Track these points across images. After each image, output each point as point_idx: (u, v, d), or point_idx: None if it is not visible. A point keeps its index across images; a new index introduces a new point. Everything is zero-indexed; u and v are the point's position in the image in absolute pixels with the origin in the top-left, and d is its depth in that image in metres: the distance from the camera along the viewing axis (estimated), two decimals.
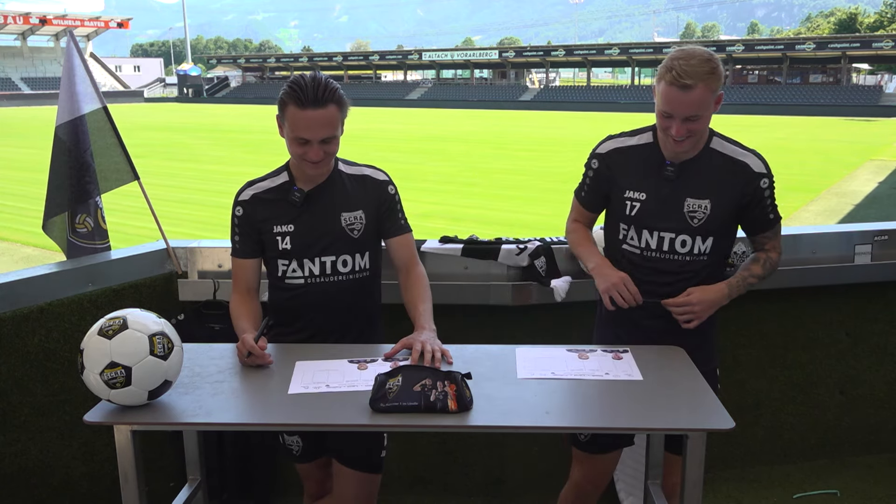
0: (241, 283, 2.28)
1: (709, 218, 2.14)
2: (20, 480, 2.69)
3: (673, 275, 2.21)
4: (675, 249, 2.18)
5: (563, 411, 1.87)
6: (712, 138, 2.18)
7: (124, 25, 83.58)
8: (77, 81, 2.95)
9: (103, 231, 3.04)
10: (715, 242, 2.19)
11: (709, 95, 2.01)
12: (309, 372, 2.02)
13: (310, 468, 2.43)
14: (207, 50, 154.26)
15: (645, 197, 2.18)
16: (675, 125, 2.04)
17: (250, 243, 2.25)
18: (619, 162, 2.23)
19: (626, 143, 2.25)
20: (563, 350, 2.16)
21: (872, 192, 16.30)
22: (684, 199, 2.15)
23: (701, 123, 2.06)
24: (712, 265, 2.23)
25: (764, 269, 2.26)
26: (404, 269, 2.31)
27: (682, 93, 1.99)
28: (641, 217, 2.19)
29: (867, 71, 62.24)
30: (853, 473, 3.34)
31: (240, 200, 2.26)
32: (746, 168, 2.15)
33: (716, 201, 2.14)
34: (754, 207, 2.18)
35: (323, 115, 2.05)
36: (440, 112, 51.21)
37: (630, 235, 2.23)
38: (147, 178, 3.31)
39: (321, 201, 2.21)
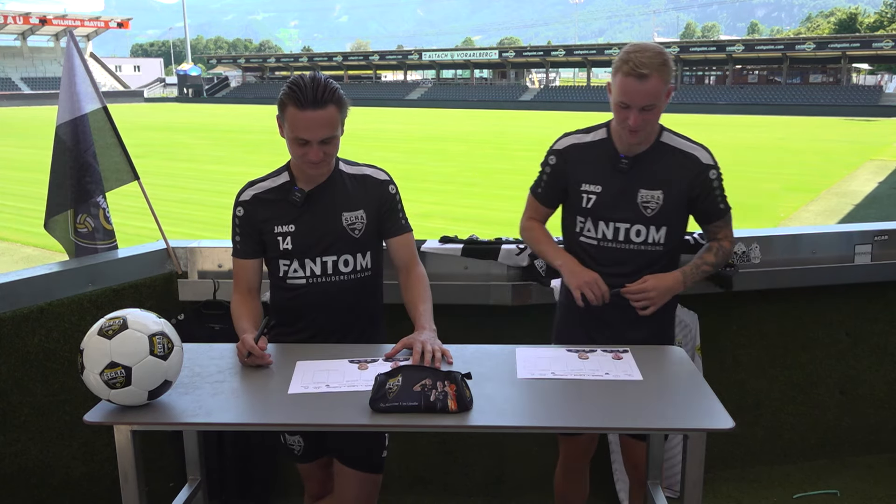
0: (242, 284, 2.28)
1: (661, 208, 2.25)
2: (20, 480, 2.69)
3: (630, 264, 2.29)
4: (631, 239, 2.28)
5: (563, 411, 1.87)
6: (662, 133, 2.29)
7: (124, 25, 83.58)
8: (77, 81, 2.95)
9: (108, 231, 3.04)
10: (668, 232, 2.28)
11: (662, 86, 2.12)
12: (309, 372, 2.02)
13: (311, 468, 2.42)
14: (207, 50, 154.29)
15: (601, 189, 2.28)
16: (633, 115, 2.13)
17: (251, 243, 2.25)
18: (576, 157, 2.33)
19: (583, 140, 2.35)
20: (563, 350, 2.17)
21: (872, 192, 16.30)
22: (638, 191, 2.25)
23: (655, 114, 2.16)
24: (668, 254, 2.32)
25: (717, 256, 2.34)
26: (404, 268, 2.31)
27: (639, 82, 2.10)
28: (597, 209, 2.29)
29: (867, 71, 62.24)
30: (853, 473, 3.34)
31: (240, 201, 2.26)
32: (695, 160, 2.26)
33: (667, 192, 2.24)
34: (704, 198, 2.28)
35: (322, 115, 2.05)
36: (440, 112, 51.21)
37: (587, 227, 2.32)
38: (147, 178, 3.31)
39: (322, 201, 2.21)
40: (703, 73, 60.41)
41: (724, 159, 2.23)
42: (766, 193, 15.92)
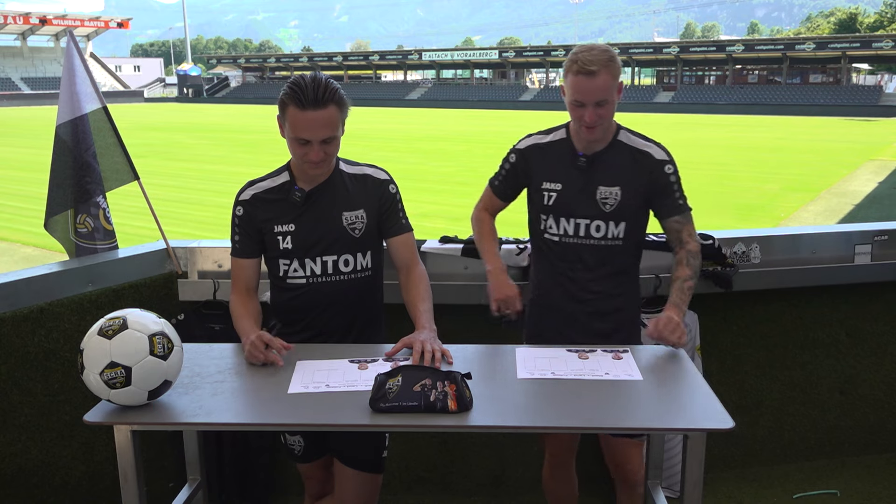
0: (241, 283, 2.28)
1: (620, 204, 2.31)
2: (20, 480, 2.69)
3: (591, 259, 2.36)
4: (591, 234, 2.34)
5: (563, 411, 1.87)
6: (619, 131, 2.36)
7: (124, 25, 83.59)
8: (77, 81, 2.95)
9: (109, 231, 3.04)
10: (628, 227, 2.34)
11: (611, 81, 2.20)
12: (309, 371, 2.02)
13: (311, 468, 2.42)
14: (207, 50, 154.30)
15: (561, 187, 2.35)
16: (588, 112, 2.20)
17: (251, 243, 2.25)
18: (537, 157, 2.41)
19: (543, 140, 2.43)
20: (562, 350, 2.17)
21: (872, 192, 16.29)
22: (596, 187, 2.32)
23: (608, 109, 2.23)
24: (627, 250, 2.38)
25: (690, 267, 2.34)
26: (405, 268, 2.31)
27: (589, 79, 2.18)
28: (558, 206, 2.36)
29: (867, 71, 62.24)
30: (853, 473, 3.34)
31: (240, 200, 2.26)
32: (649, 157, 2.33)
33: (625, 188, 2.31)
34: (661, 192, 2.34)
35: (323, 115, 2.05)
36: (440, 112, 51.20)
37: (549, 224, 2.39)
38: (147, 178, 3.31)
39: (322, 201, 2.21)
40: (703, 73, 60.41)
41: (725, 159, 2.25)
42: (766, 193, 15.92)
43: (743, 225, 12.42)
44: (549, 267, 2.43)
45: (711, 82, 59.13)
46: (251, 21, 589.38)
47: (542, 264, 2.47)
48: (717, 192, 15.84)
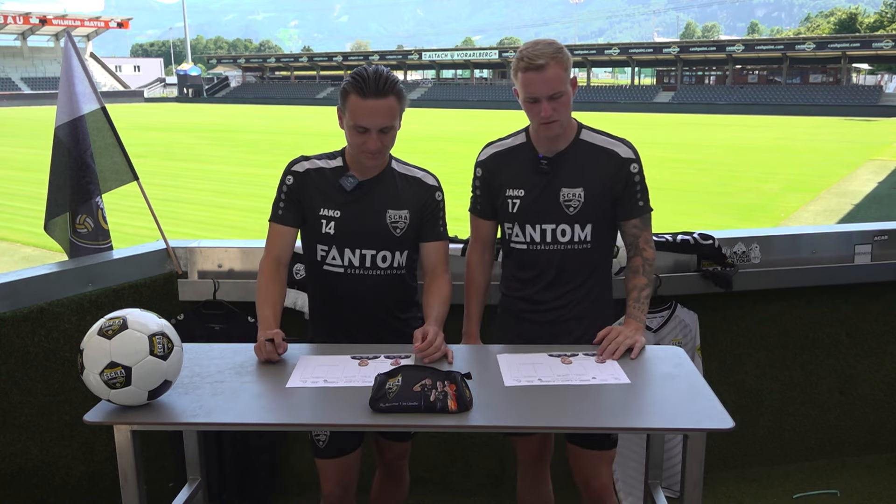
0: (275, 250, 2.28)
1: (583, 205, 2.24)
2: (20, 480, 2.69)
3: (561, 265, 2.29)
4: (557, 239, 2.28)
5: (564, 411, 1.86)
6: (581, 130, 2.30)
7: (124, 25, 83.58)
8: (76, 82, 2.95)
9: (105, 231, 3.04)
10: (595, 230, 2.27)
11: (562, 73, 2.14)
12: (310, 367, 2.03)
13: (333, 466, 2.33)
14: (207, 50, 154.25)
15: (523, 193, 2.28)
16: (543, 106, 2.15)
17: (294, 212, 2.27)
18: (499, 164, 2.35)
19: (504, 146, 2.37)
20: (544, 356, 2.14)
21: (872, 192, 16.29)
22: (559, 190, 2.25)
23: (563, 102, 2.17)
24: (598, 254, 2.32)
25: (646, 276, 2.30)
26: (431, 273, 2.34)
27: (538, 73, 2.13)
28: (522, 213, 2.29)
29: (867, 71, 62.24)
30: (853, 473, 3.34)
31: (293, 170, 2.27)
32: (615, 155, 2.26)
33: (588, 188, 2.24)
34: (624, 193, 2.27)
35: (383, 104, 2.09)
36: (440, 112, 51.19)
37: (515, 232, 2.33)
38: (147, 178, 3.31)
39: (370, 194, 2.24)
40: (703, 73, 60.42)
41: (725, 159, 2.23)
42: (766, 193, 15.92)
43: (743, 225, 12.42)
44: (517, 274, 2.37)
45: (711, 82, 59.14)
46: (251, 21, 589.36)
47: (508, 272, 2.42)
48: (717, 192, 15.85)
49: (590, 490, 2.39)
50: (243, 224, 12.84)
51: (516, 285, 2.39)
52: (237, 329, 2.93)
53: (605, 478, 2.38)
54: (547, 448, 2.50)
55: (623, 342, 2.13)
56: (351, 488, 2.41)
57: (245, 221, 13.03)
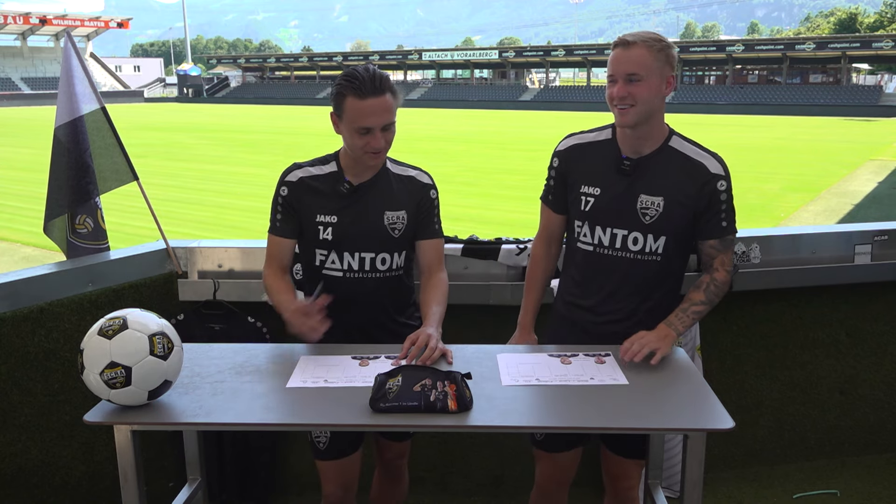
0: (276, 261, 2.29)
1: (661, 216, 2.12)
2: (20, 480, 2.69)
3: (625, 275, 2.18)
4: (627, 247, 2.16)
5: (564, 411, 1.87)
6: (672, 137, 2.17)
7: (124, 25, 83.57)
8: (76, 83, 2.95)
9: (103, 231, 3.04)
10: (668, 243, 2.15)
11: (650, 59, 2.02)
12: (310, 367, 2.03)
13: (333, 467, 2.33)
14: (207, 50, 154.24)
15: (599, 192, 2.17)
16: (618, 86, 2.05)
17: (292, 223, 2.26)
18: (578, 157, 2.24)
19: (586, 140, 2.25)
20: (544, 356, 2.13)
21: (872, 192, 16.29)
22: (638, 196, 2.13)
23: (643, 88, 2.03)
24: (666, 269, 2.19)
25: (707, 294, 2.17)
26: (427, 271, 2.34)
27: (623, 50, 2.04)
28: (595, 213, 2.18)
29: (867, 71, 62.23)
30: (853, 473, 3.34)
31: (286, 181, 2.25)
32: (703, 168, 2.12)
33: (669, 199, 2.12)
34: (708, 210, 2.14)
35: (382, 101, 2.09)
36: (440, 112, 51.18)
37: (584, 232, 2.22)
38: (147, 178, 3.31)
39: (367, 197, 2.23)
40: (703, 73, 60.42)
41: (725, 159, 2.20)
42: (766, 193, 15.92)
43: (743, 225, 12.34)
44: (578, 278, 2.26)
45: (711, 82, 59.15)
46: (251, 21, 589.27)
47: (571, 274, 2.30)
48: None
49: (616, 489, 2.38)
50: (243, 224, 12.84)
51: (575, 290, 2.29)
52: (237, 329, 2.93)
53: (633, 480, 2.37)
54: (572, 470, 2.39)
55: (646, 345, 2.04)
56: (352, 489, 2.41)
57: (245, 221, 13.03)
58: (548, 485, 2.41)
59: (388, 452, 2.50)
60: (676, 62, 2.11)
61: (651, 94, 2.05)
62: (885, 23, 71.38)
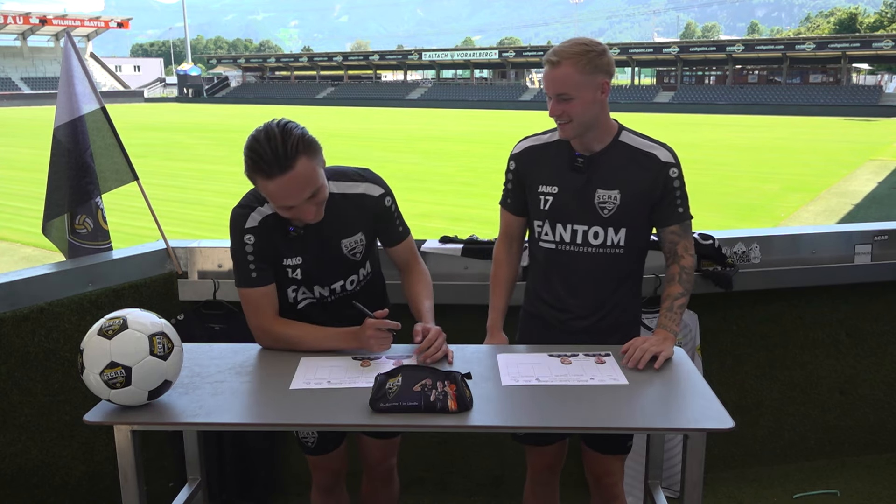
0: (270, 310, 2.14)
1: (619, 208, 2.18)
2: (20, 480, 2.69)
3: (590, 269, 2.23)
4: (589, 241, 2.21)
5: (564, 411, 1.86)
6: (621, 132, 2.22)
7: (124, 25, 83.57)
8: (76, 83, 2.95)
9: (105, 231, 3.04)
10: (628, 234, 2.21)
11: (577, 76, 2.05)
12: (312, 368, 2.03)
13: (324, 460, 2.41)
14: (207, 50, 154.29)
15: (557, 190, 2.22)
16: (552, 104, 2.10)
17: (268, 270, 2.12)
18: (533, 158, 2.28)
19: (540, 141, 2.30)
20: (544, 356, 2.13)
21: (872, 192, 16.29)
22: (595, 191, 2.19)
23: (574, 106, 2.08)
24: (629, 258, 2.25)
25: (683, 284, 2.22)
26: (405, 268, 2.33)
27: (551, 69, 2.08)
28: (554, 211, 2.23)
29: (867, 71, 62.24)
30: (853, 473, 3.34)
31: (247, 228, 2.09)
32: (654, 159, 2.18)
33: (625, 191, 2.18)
34: (663, 198, 2.20)
35: (295, 176, 1.88)
36: (440, 112, 51.21)
37: (545, 231, 2.26)
38: (147, 178, 3.31)
39: (321, 232, 2.12)
40: (703, 73, 60.41)
41: (725, 159, 2.22)
42: (766, 193, 15.93)
43: (743, 225, 12.43)
44: (543, 277, 2.31)
45: (711, 82, 59.14)
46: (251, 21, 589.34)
47: (536, 273, 2.35)
48: (717, 192, 15.85)
49: (601, 486, 2.39)
50: None
51: (540, 288, 2.33)
52: (237, 329, 2.92)
53: (616, 476, 2.38)
54: (561, 458, 2.45)
55: (649, 349, 2.06)
56: (342, 473, 2.46)
57: None
58: (539, 472, 2.46)
59: (376, 452, 2.45)
60: (613, 64, 2.13)
61: (584, 109, 2.10)
62: (885, 23, 71.38)
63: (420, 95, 65.70)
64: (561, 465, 2.47)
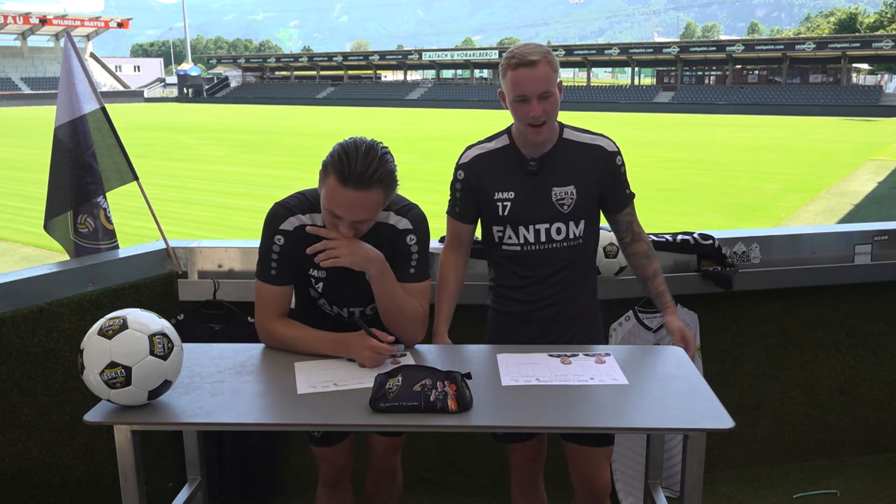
0: (278, 310, 2.18)
1: (577, 202, 2.25)
2: (20, 480, 2.69)
3: (556, 263, 2.29)
4: (553, 238, 2.27)
5: (564, 412, 1.86)
6: (564, 130, 2.30)
7: (124, 25, 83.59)
8: (76, 83, 2.95)
9: (109, 231, 3.04)
10: (587, 225, 2.30)
11: (552, 73, 2.15)
12: (313, 372, 2.02)
13: (330, 452, 2.41)
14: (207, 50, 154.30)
15: (514, 195, 2.26)
16: (533, 105, 2.13)
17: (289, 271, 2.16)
18: (484, 167, 2.30)
19: (487, 149, 2.32)
20: (544, 356, 2.13)
21: (872, 192, 16.29)
22: (550, 189, 2.25)
23: (552, 103, 2.15)
24: (589, 249, 2.35)
25: (655, 259, 2.39)
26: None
27: (530, 70, 2.12)
28: (515, 214, 2.27)
29: (867, 71, 62.25)
30: (853, 473, 3.34)
31: (282, 229, 2.12)
32: (601, 150, 2.28)
33: (580, 185, 2.25)
34: (614, 185, 2.30)
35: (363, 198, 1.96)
36: (440, 112, 51.20)
37: (507, 235, 2.30)
38: (147, 178, 3.31)
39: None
40: (703, 73, 60.43)
41: (725, 159, 2.23)
42: (766, 193, 15.92)
43: (743, 225, 12.43)
44: (510, 277, 2.33)
45: (711, 82, 59.14)
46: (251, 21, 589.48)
47: (501, 274, 2.36)
48: (717, 192, 15.86)
49: (593, 489, 2.38)
50: (243, 224, 12.84)
51: (510, 289, 2.35)
52: (237, 329, 2.93)
53: (604, 477, 2.38)
54: (542, 452, 2.49)
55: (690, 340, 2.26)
56: (347, 468, 2.47)
57: (245, 221, 13.03)
58: (524, 468, 2.49)
59: (381, 447, 2.49)
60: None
61: (556, 107, 2.18)
62: (885, 23, 71.39)
63: (420, 95, 65.71)
64: (544, 457, 2.51)
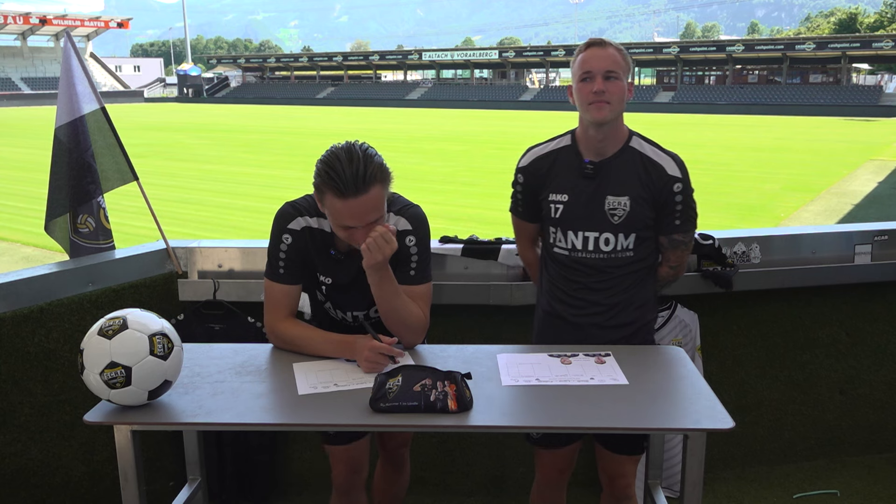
0: (285, 310, 2.17)
1: (629, 215, 2.20)
2: (20, 480, 2.69)
3: (602, 272, 2.26)
4: (600, 248, 2.24)
5: (564, 412, 1.87)
6: (632, 137, 2.24)
7: (124, 25, 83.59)
8: (76, 83, 2.95)
9: (107, 230, 3.04)
10: (638, 239, 2.24)
11: (622, 61, 2.14)
12: (312, 372, 2.02)
13: (345, 451, 2.33)
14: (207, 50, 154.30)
15: (567, 198, 2.24)
16: (597, 81, 2.11)
17: (297, 271, 2.16)
18: (542, 168, 2.30)
19: (546, 150, 2.31)
20: (544, 356, 2.14)
21: (872, 192, 16.29)
22: (605, 197, 2.21)
23: (618, 88, 2.13)
24: (640, 262, 2.28)
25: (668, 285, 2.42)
26: None
27: (599, 49, 2.14)
28: (565, 218, 2.25)
29: (867, 71, 62.24)
30: (853, 473, 3.34)
31: (290, 228, 2.13)
32: (661, 170, 2.21)
33: (634, 198, 2.20)
34: (664, 209, 2.23)
35: (366, 201, 1.94)
36: (440, 112, 51.20)
37: (558, 238, 2.29)
38: (147, 178, 3.31)
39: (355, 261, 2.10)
40: (703, 73, 60.40)
41: (725, 159, 2.23)
42: (766, 193, 15.92)
43: (743, 225, 12.43)
44: (559, 280, 2.32)
45: (711, 82, 59.12)
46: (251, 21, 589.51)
47: (552, 276, 2.35)
48: (717, 192, 15.84)
49: (614, 486, 2.40)
50: (243, 224, 12.84)
51: (555, 288, 2.34)
52: (237, 329, 2.93)
53: (630, 477, 2.39)
54: (571, 463, 2.45)
55: None
56: (360, 473, 2.38)
57: (245, 221, 13.04)
58: (549, 475, 2.46)
59: (392, 441, 2.51)
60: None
61: (623, 94, 2.15)
62: (885, 23, 71.39)
63: (420, 95, 65.69)
64: (571, 469, 2.47)
